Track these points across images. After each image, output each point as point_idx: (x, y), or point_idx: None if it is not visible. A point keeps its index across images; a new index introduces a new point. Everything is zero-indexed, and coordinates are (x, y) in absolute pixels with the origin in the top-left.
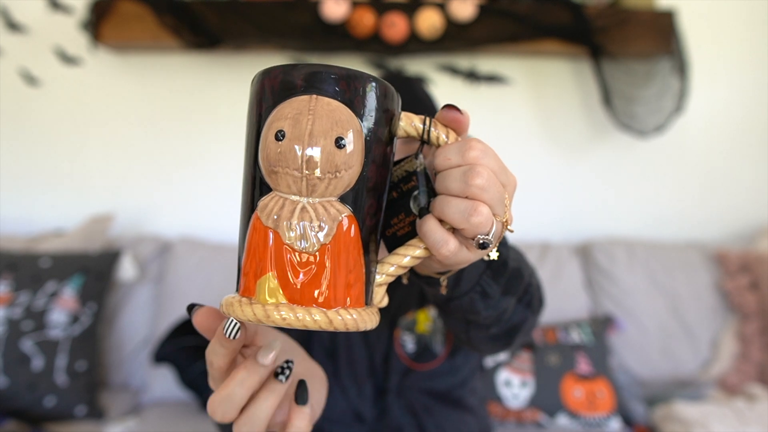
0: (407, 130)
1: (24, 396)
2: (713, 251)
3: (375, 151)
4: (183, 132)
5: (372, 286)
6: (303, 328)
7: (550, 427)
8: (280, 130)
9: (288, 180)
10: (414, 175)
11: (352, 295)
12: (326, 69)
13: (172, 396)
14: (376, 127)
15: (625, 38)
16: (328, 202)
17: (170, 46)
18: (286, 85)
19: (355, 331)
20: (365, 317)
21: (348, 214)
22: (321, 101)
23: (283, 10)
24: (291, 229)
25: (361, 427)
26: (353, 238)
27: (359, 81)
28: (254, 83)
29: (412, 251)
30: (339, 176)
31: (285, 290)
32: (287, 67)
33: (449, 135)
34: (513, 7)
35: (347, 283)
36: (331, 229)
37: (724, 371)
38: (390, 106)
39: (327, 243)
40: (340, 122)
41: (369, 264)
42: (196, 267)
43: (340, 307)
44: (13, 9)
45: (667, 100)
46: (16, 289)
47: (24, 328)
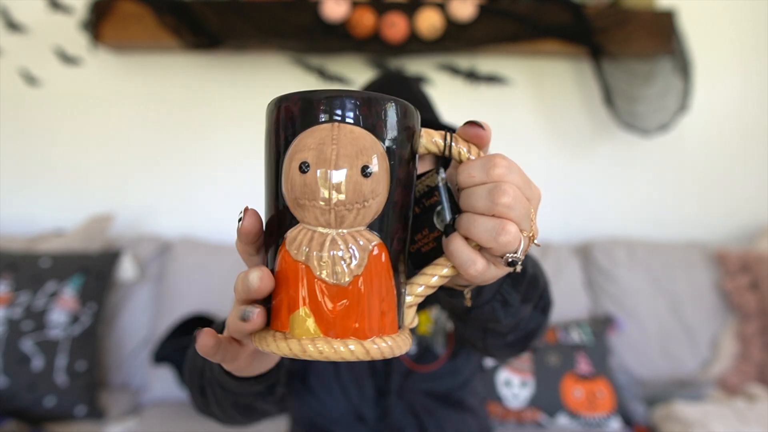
0: (428, 147)
1: (24, 396)
2: (713, 251)
3: (400, 174)
4: (183, 132)
5: (403, 308)
6: (341, 360)
7: (550, 427)
8: (304, 162)
9: (315, 212)
10: (436, 189)
11: (386, 322)
12: (347, 95)
13: (172, 396)
14: (399, 150)
15: (625, 38)
16: (357, 231)
17: (170, 46)
18: (305, 112)
19: (391, 357)
20: (400, 343)
21: (378, 242)
22: (344, 129)
23: (283, 10)
24: (322, 262)
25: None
26: (384, 265)
27: (380, 104)
28: (270, 110)
29: (439, 270)
30: (367, 206)
31: (320, 323)
32: (305, 94)
33: (471, 150)
34: (513, 7)
35: (381, 311)
36: (363, 259)
37: (724, 371)
38: (411, 124)
39: (359, 274)
40: (365, 150)
41: (399, 287)
42: (196, 267)
43: (376, 336)
44: (13, 9)
45: (670, 98)
46: (16, 289)
47: (24, 328)
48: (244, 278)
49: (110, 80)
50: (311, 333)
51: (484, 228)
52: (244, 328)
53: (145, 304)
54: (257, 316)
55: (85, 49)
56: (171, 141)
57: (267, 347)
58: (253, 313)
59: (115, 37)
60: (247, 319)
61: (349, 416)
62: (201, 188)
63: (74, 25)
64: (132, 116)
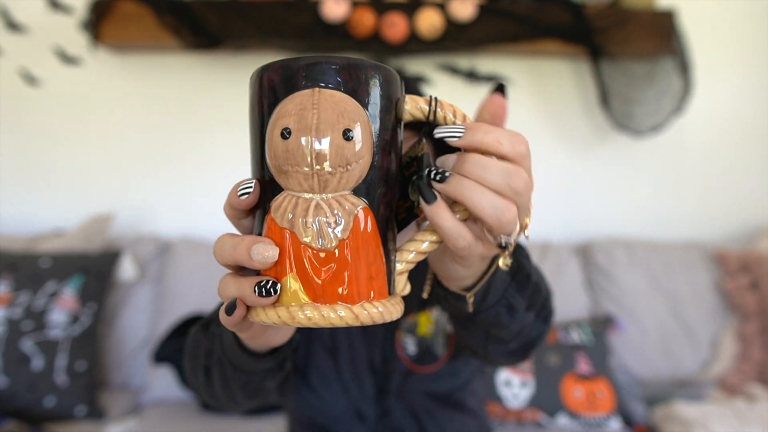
0: (413, 113)
1: (24, 396)
2: (713, 251)
3: (383, 139)
4: (183, 132)
5: (393, 275)
6: (330, 326)
7: (550, 427)
8: (286, 128)
9: (299, 178)
10: (416, 160)
11: (375, 287)
12: (326, 60)
13: (172, 396)
14: (382, 114)
15: (625, 38)
16: (342, 196)
17: (170, 46)
18: (286, 80)
19: (382, 322)
20: (390, 308)
21: (363, 206)
22: (324, 93)
23: (283, 10)
24: (307, 227)
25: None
26: (371, 230)
27: (361, 69)
28: (253, 81)
29: (430, 236)
30: (350, 169)
31: (307, 290)
32: (286, 62)
33: (456, 114)
34: (513, 7)
35: (369, 275)
36: (348, 223)
37: (724, 371)
38: (394, 90)
39: (345, 238)
40: (346, 113)
41: (389, 253)
42: (196, 267)
43: (365, 301)
44: (13, 9)
45: (666, 100)
46: (16, 289)
47: (24, 328)
48: (258, 253)
49: (110, 80)
50: (299, 299)
51: (490, 204)
52: (228, 322)
53: (145, 304)
54: (239, 309)
55: (85, 49)
56: (171, 141)
57: (257, 317)
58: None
59: (115, 37)
60: (230, 313)
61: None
62: (201, 188)
63: (74, 25)
64: (132, 116)
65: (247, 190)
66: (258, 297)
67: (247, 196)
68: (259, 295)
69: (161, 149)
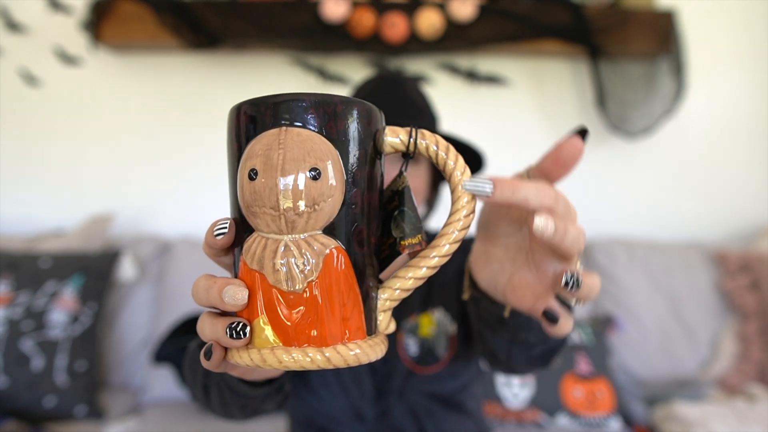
0: (394, 145)
1: (24, 396)
2: (713, 251)
3: (358, 175)
4: (183, 132)
5: (374, 313)
6: (301, 369)
7: (550, 427)
8: (253, 169)
9: (266, 219)
10: (397, 195)
11: (351, 328)
12: (294, 98)
13: (172, 396)
14: (355, 150)
15: (624, 38)
16: (312, 236)
17: (170, 46)
18: (256, 119)
19: (357, 365)
20: (367, 350)
21: (335, 245)
22: (291, 132)
23: (283, 10)
24: (276, 269)
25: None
26: (344, 270)
27: (329, 105)
28: (229, 119)
29: (415, 272)
30: (318, 209)
31: (278, 332)
32: (257, 100)
33: (439, 144)
34: (513, 7)
35: (342, 316)
36: (317, 264)
37: (724, 371)
38: (371, 124)
39: (314, 279)
40: (313, 152)
41: (368, 291)
42: (196, 267)
43: (339, 343)
44: (13, 9)
45: (656, 102)
46: (16, 289)
47: (24, 328)
48: (229, 295)
49: (110, 80)
50: (270, 342)
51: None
52: (209, 366)
53: (145, 304)
54: (216, 352)
55: (85, 49)
56: (171, 141)
57: (231, 358)
58: (212, 351)
59: (115, 37)
60: (207, 357)
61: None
62: (201, 188)
63: (74, 25)
64: (132, 116)
65: (222, 231)
66: (230, 339)
67: (222, 237)
68: (230, 337)
69: (161, 149)
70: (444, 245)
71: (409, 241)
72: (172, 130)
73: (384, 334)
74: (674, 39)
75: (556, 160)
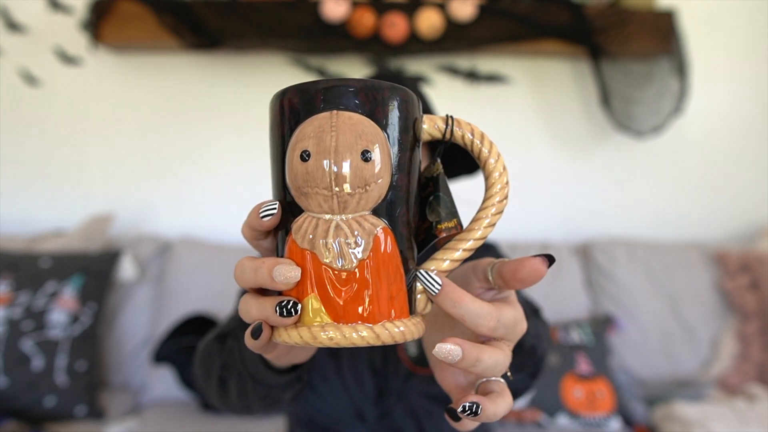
0: (431, 133)
1: (24, 396)
2: (713, 251)
3: (402, 159)
4: (183, 132)
5: (414, 294)
6: (351, 345)
7: (550, 427)
8: (305, 150)
9: (319, 199)
10: (431, 180)
11: (396, 307)
12: (343, 83)
13: (172, 396)
14: (400, 135)
15: (624, 38)
16: (362, 216)
17: (170, 46)
18: (304, 103)
19: (403, 342)
20: (411, 328)
21: (383, 226)
22: (342, 116)
23: (283, 10)
24: (327, 248)
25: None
26: (391, 249)
27: (378, 91)
28: (272, 105)
29: (450, 254)
30: (369, 190)
31: (328, 310)
32: (304, 86)
33: (474, 132)
34: (513, 7)
35: (390, 295)
36: (368, 243)
37: (724, 371)
38: (412, 111)
39: (365, 258)
40: (364, 135)
41: (409, 272)
42: (196, 267)
43: (386, 321)
44: (13, 9)
45: (665, 101)
46: (16, 289)
47: (24, 328)
48: (281, 274)
49: (110, 80)
50: (321, 320)
51: (490, 364)
52: (254, 345)
53: (145, 304)
54: (265, 331)
55: (85, 49)
56: (171, 141)
57: (279, 337)
58: (262, 330)
59: (115, 37)
60: (256, 336)
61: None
62: (201, 188)
63: (74, 25)
64: (132, 116)
65: (271, 212)
66: (280, 317)
67: (269, 218)
68: (281, 315)
69: (161, 149)
70: (478, 229)
71: (446, 224)
72: (172, 130)
73: (422, 314)
74: (675, 39)
75: (514, 275)
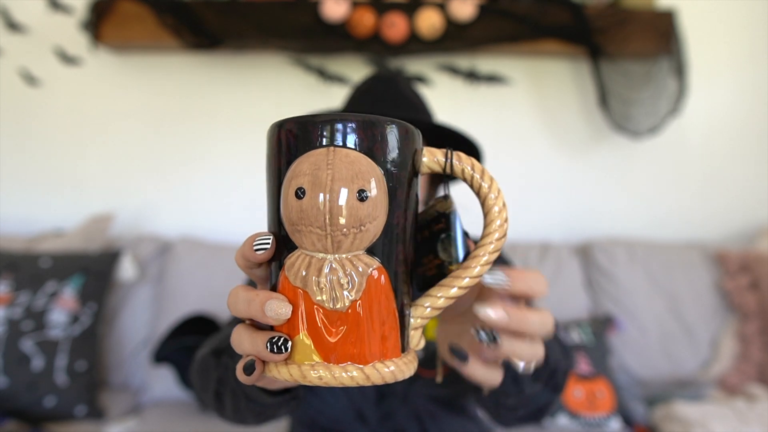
0: (431, 167)
1: (24, 396)
2: (713, 251)
3: (399, 196)
4: (183, 132)
5: (407, 330)
6: (340, 386)
7: (550, 427)
8: (300, 188)
9: (312, 238)
10: (443, 217)
11: (388, 346)
12: (342, 118)
13: (172, 396)
14: (398, 172)
15: (624, 38)
16: (356, 256)
17: (170, 46)
18: (302, 137)
19: (393, 381)
20: (402, 367)
21: (377, 266)
22: (339, 153)
23: (283, 10)
24: (320, 287)
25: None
26: (384, 289)
27: (377, 127)
28: (269, 136)
29: (445, 292)
30: (364, 230)
31: (319, 349)
32: (302, 119)
33: (474, 167)
34: (513, 7)
35: (382, 335)
36: (361, 284)
37: (724, 371)
38: (411, 146)
39: (357, 299)
40: (361, 174)
41: (402, 309)
42: (196, 267)
43: (377, 361)
44: (13, 9)
45: (662, 102)
46: (16, 289)
47: (24, 328)
48: (272, 310)
49: (110, 80)
50: (311, 358)
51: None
52: (246, 381)
53: (145, 304)
54: (257, 368)
55: (85, 49)
56: (171, 141)
57: (269, 372)
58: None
59: (115, 37)
60: (249, 373)
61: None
62: (201, 188)
63: (74, 25)
64: (132, 116)
65: (264, 246)
66: (270, 353)
67: (263, 252)
68: (271, 351)
69: (161, 149)
70: (475, 267)
71: (458, 266)
72: (172, 130)
73: (414, 350)
74: (675, 39)
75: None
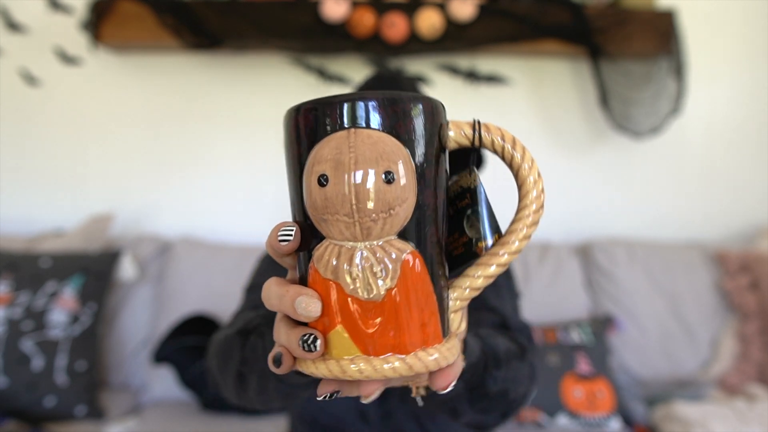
0: (458, 140)
1: (24, 396)
2: (713, 251)
3: (428, 175)
4: (183, 132)
5: (447, 314)
6: (382, 378)
7: (550, 427)
8: (323, 174)
9: (340, 226)
10: (468, 192)
11: (429, 333)
12: (361, 97)
13: (172, 396)
14: (425, 149)
15: (624, 38)
16: (387, 242)
17: (170, 46)
18: (320, 120)
19: (437, 369)
20: (446, 353)
21: (410, 250)
22: (361, 134)
23: (283, 10)
24: (352, 278)
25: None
26: (420, 274)
27: (399, 104)
28: (286, 122)
29: (484, 270)
30: (393, 213)
31: (357, 342)
32: (319, 101)
33: (505, 137)
34: (513, 7)
35: (421, 322)
36: (395, 270)
37: (724, 371)
38: (436, 120)
39: (393, 286)
40: (386, 154)
41: (441, 293)
42: (196, 267)
43: (418, 349)
44: (13, 9)
45: (663, 101)
46: (16, 289)
47: (24, 328)
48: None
49: (110, 80)
50: (350, 352)
51: None
52: (276, 371)
53: (145, 304)
54: (286, 362)
55: (85, 49)
56: (171, 141)
57: (306, 369)
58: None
59: (115, 37)
60: (277, 365)
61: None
62: (201, 188)
63: (74, 25)
64: (132, 116)
65: (287, 238)
66: (303, 351)
67: (286, 243)
68: (303, 350)
69: (161, 149)
70: (514, 242)
71: (486, 242)
72: (172, 130)
73: (455, 334)
74: (675, 39)
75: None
